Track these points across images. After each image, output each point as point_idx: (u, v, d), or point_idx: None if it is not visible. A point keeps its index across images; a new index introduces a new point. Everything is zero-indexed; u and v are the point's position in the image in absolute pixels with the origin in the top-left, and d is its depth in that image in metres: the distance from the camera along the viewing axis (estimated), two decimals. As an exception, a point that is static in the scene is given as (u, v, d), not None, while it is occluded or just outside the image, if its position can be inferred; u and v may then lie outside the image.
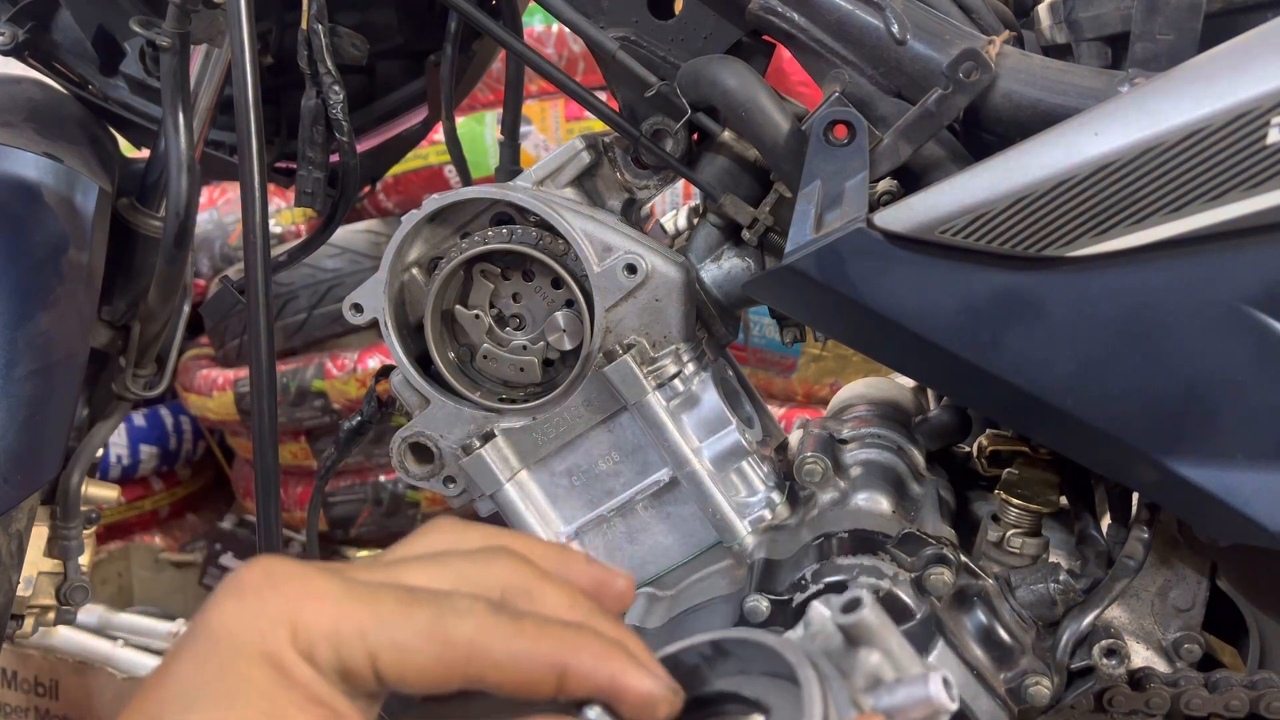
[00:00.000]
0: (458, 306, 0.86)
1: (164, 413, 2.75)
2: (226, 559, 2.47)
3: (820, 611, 0.46)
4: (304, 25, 0.89)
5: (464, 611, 0.41)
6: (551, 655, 0.41)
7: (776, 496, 0.84)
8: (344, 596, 0.41)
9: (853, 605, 0.43)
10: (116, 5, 1.02)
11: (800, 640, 0.46)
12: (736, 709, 0.45)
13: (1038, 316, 0.67)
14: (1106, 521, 0.84)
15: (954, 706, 0.41)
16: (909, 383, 1.07)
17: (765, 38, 0.86)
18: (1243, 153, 0.61)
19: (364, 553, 2.49)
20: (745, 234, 0.85)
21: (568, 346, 0.85)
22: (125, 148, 1.14)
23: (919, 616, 0.71)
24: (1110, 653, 0.75)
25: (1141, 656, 0.84)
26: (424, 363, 0.87)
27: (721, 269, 0.88)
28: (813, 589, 0.74)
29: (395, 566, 0.44)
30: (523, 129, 1.63)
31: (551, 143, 2.35)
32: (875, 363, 0.79)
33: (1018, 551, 0.81)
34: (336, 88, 0.91)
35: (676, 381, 0.83)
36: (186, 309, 1.19)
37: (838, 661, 0.44)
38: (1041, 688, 0.74)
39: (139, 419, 2.68)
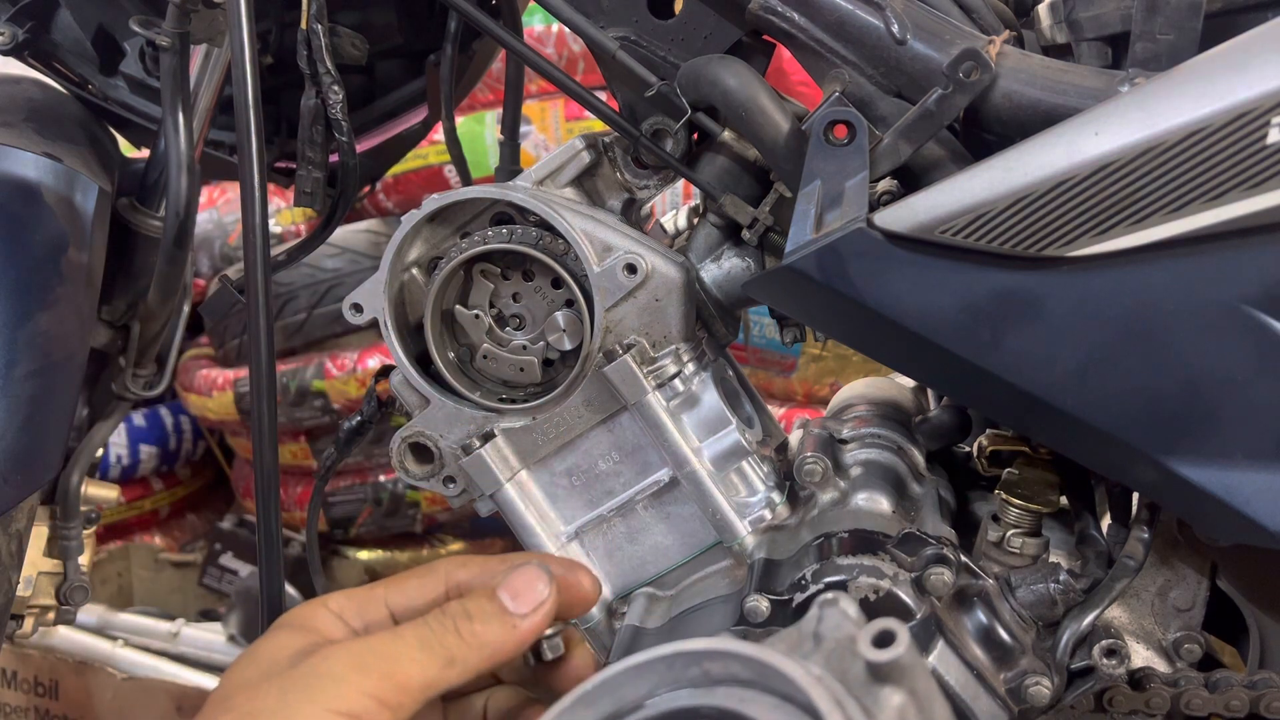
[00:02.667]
0: (458, 306, 0.86)
1: (164, 413, 2.75)
2: (226, 559, 2.47)
3: (834, 621, 0.43)
4: (304, 25, 0.89)
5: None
6: (502, 632, 0.59)
7: (776, 496, 0.84)
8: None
9: (886, 640, 0.40)
10: (116, 5, 1.02)
11: (810, 645, 0.43)
12: None
13: (1038, 316, 0.67)
14: (1106, 521, 0.84)
15: None
16: (909, 383, 1.07)
17: (765, 38, 0.86)
18: (1243, 153, 0.61)
19: (364, 553, 2.49)
20: (745, 234, 0.85)
21: (568, 346, 0.85)
22: (125, 148, 1.14)
23: (919, 616, 0.71)
24: (1110, 653, 0.74)
25: (1142, 656, 0.84)
26: (424, 363, 0.87)
27: (721, 269, 0.88)
28: (813, 589, 0.74)
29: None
30: (523, 129, 1.64)
31: (551, 143, 2.35)
32: (875, 363, 0.79)
33: (1018, 551, 0.81)
34: (336, 88, 0.91)
35: (676, 381, 0.83)
36: (186, 309, 1.19)
37: (858, 692, 0.41)
38: (1041, 688, 0.74)
39: (139, 419, 2.69)
